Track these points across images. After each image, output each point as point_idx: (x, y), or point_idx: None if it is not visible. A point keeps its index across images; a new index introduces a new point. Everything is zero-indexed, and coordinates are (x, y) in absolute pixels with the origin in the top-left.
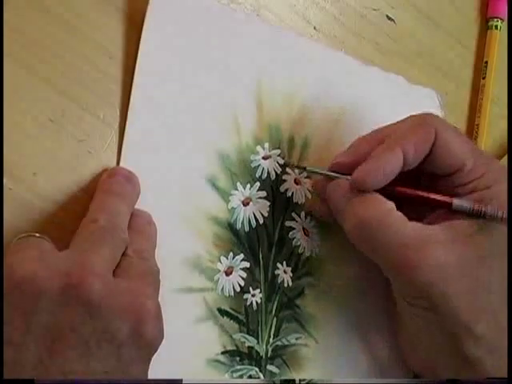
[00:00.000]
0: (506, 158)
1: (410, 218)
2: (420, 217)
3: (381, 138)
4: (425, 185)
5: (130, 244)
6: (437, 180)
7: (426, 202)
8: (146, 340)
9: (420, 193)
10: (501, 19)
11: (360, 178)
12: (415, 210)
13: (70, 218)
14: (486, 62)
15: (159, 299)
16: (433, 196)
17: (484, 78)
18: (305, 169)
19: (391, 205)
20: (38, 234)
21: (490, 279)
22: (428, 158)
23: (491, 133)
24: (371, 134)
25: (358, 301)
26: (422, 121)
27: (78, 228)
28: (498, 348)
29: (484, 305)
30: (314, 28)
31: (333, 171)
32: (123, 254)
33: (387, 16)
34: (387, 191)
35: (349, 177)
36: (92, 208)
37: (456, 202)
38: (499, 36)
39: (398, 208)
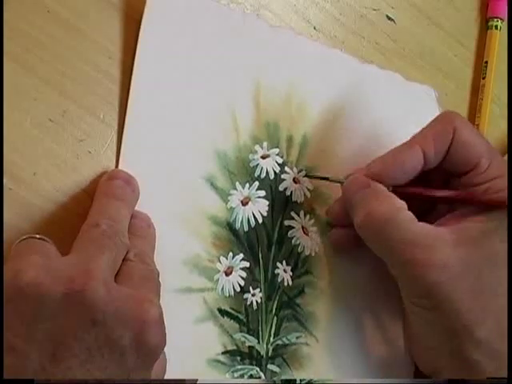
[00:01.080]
0: (505, 157)
1: (420, 220)
2: (430, 220)
3: None
4: (438, 185)
5: (131, 248)
6: (450, 180)
7: (434, 199)
8: (149, 348)
9: (425, 191)
10: (501, 19)
11: (376, 170)
12: (425, 212)
13: (70, 218)
14: (486, 62)
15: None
16: (439, 193)
17: (484, 78)
18: (327, 179)
19: (402, 204)
20: (38, 236)
21: (497, 283)
22: (445, 154)
23: (491, 133)
24: (387, 154)
25: (359, 299)
26: (440, 117)
27: (80, 232)
28: (499, 353)
29: (488, 308)
30: (314, 28)
31: None
32: (124, 259)
33: (387, 16)
34: (399, 192)
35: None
36: (93, 212)
37: None
38: (499, 36)
39: (410, 209)
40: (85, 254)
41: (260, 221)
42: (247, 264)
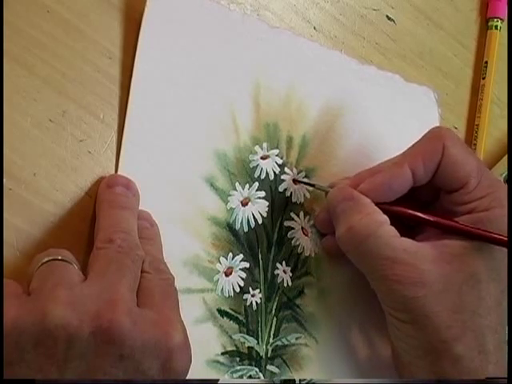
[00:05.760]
0: (505, 158)
1: (403, 234)
2: (413, 234)
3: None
4: (425, 200)
5: (145, 256)
6: (438, 196)
7: (419, 222)
8: (177, 373)
9: (412, 212)
10: (501, 19)
11: (365, 190)
12: (409, 226)
13: (70, 218)
14: (486, 62)
15: None
16: (428, 217)
17: (484, 78)
18: (313, 186)
19: (385, 218)
20: (60, 257)
21: (477, 302)
22: (435, 172)
23: (491, 133)
24: (375, 166)
25: (358, 300)
26: (429, 135)
27: (94, 247)
28: (475, 371)
29: (467, 325)
30: (314, 28)
31: None
32: (141, 270)
33: (387, 16)
34: (384, 209)
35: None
36: (103, 225)
37: None
38: (499, 36)
39: (394, 223)
40: (107, 279)
41: (260, 221)
42: (247, 265)
